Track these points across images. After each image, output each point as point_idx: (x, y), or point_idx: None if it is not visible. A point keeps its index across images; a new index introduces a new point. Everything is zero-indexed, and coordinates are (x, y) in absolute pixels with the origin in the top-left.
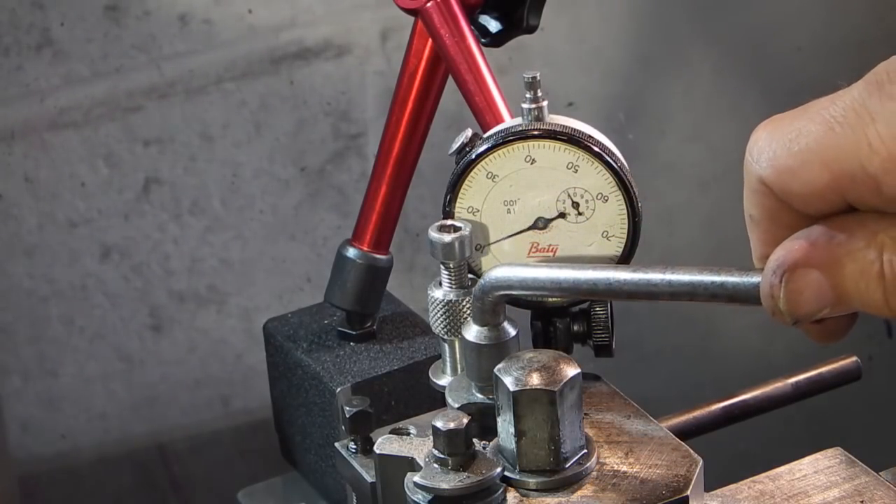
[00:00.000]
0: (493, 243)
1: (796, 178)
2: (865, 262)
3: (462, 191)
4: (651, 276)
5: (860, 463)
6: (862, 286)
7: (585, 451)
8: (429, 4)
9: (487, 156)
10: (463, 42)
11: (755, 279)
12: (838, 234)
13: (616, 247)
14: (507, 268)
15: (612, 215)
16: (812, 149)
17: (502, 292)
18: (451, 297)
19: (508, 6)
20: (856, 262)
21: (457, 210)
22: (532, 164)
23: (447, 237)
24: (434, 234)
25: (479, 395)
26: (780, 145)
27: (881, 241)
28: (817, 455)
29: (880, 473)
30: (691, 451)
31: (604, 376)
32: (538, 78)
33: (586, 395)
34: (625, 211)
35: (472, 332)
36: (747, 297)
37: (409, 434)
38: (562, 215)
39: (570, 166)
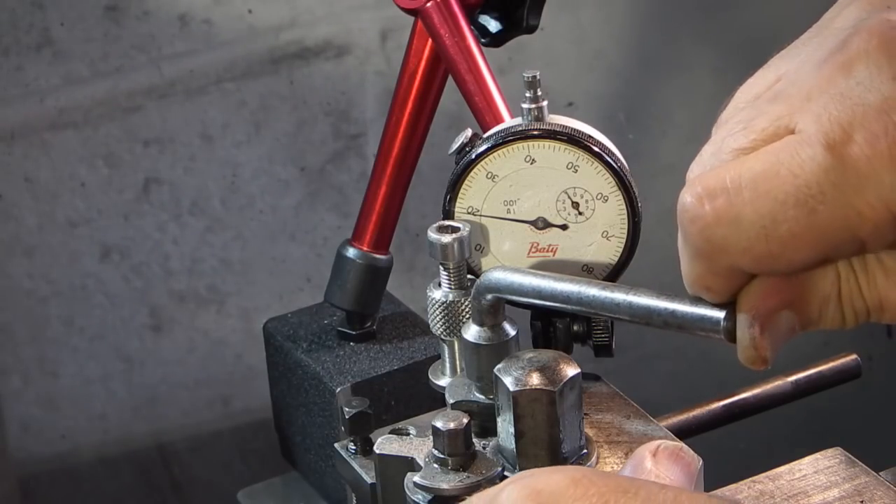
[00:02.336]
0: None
1: (779, 261)
2: (826, 288)
3: (462, 191)
4: (615, 295)
5: (860, 463)
6: (825, 311)
7: (585, 451)
8: (429, 4)
9: (487, 156)
10: (463, 42)
11: (703, 310)
12: (796, 279)
13: (616, 247)
14: (501, 271)
15: (612, 215)
16: (796, 233)
17: (497, 295)
18: (451, 297)
19: (508, 6)
20: (819, 291)
21: (457, 210)
22: (532, 164)
23: (446, 238)
24: (433, 235)
25: (479, 395)
26: (752, 234)
27: (836, 267)
28: (817, 455)
29: (880, 473)
30: (689, 450)
31: (604, 376)
32: (538, 78)
33: (586, 395)
34: (625, 211)
35: (472, 332)
36: (694, 327)
37: (408, 434)
38: (563, 227)
39: (570, 166)
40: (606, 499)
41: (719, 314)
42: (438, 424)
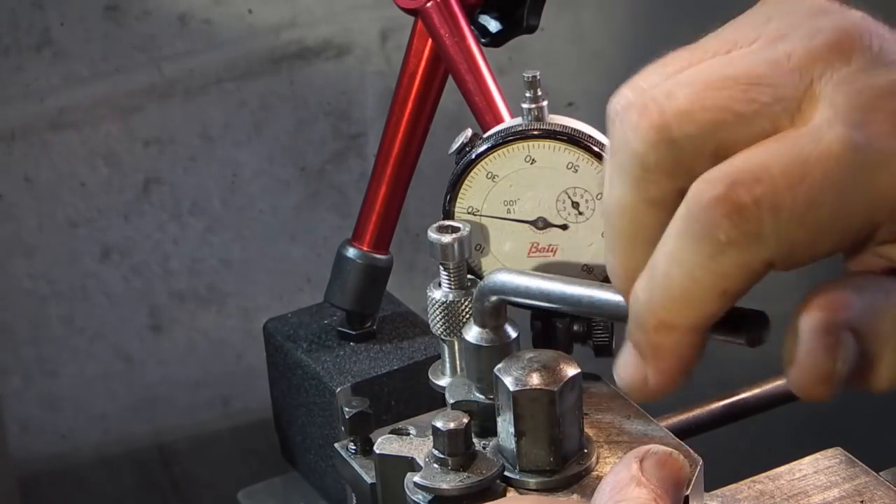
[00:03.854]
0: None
1: (811, 250)
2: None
3: (462, 191)
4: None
5: (860, 463)
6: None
7: (585, 450)
8: (429, 4)
9: (487, 156)
10: (463, 42)
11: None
12: (876, 291)
13: None
14: (506, 273)
15: None
16: (829, 219)
17: (501, 297)
18: (451, 297)
19: (508, 6)
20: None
21: (457, 210)
22: (532, 164)
23: (446, 238)
24: (433, 235)
25: (479, 395)
26: (793, 221)
27: None
28: (817, 455)
29: (880, 473)
30: (691, 451)
31: (604, 376)
32: (538, 78)
33: (586, 395)
34: None
35: (473, 333)
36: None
37: (409, 434)
38: (563, 227)
39: (570, 166)
40: None
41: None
42: (438, 424)
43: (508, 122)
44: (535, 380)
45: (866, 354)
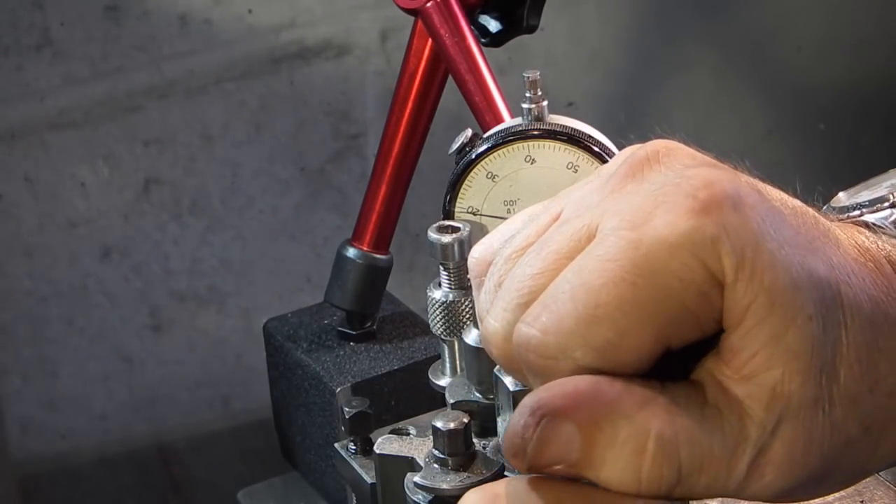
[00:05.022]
0: None
1: (620, 349)
2: (628, 429)
3: (462, 191)
4: None
5: None
6: (614, 456)
7: None
8: (429, 4)
9: (487, 156)
10: (463, 42)
11: None
12: (607, 392)
13: None
14: None
15: None
16: (624, 311)
17: None
18: (451, 297)
19: (508, 6)
20: (616, 426)
21: (457, 210)
22: (532, 164)
23: (446, 238)
24: (433, 235)
25: (479, 396)
26: (581, 325)
27: (652, 410)
28: None
29: (880, 473)
30: None
31: None
32: (538, 78)
33: None
34: None
35: (472, 335)
36: None
37: (409, 434)
38: None
39: (570, 166)
40: (562, 501)
41: None
42: (438, 424)
43: (508, 122)
44: None
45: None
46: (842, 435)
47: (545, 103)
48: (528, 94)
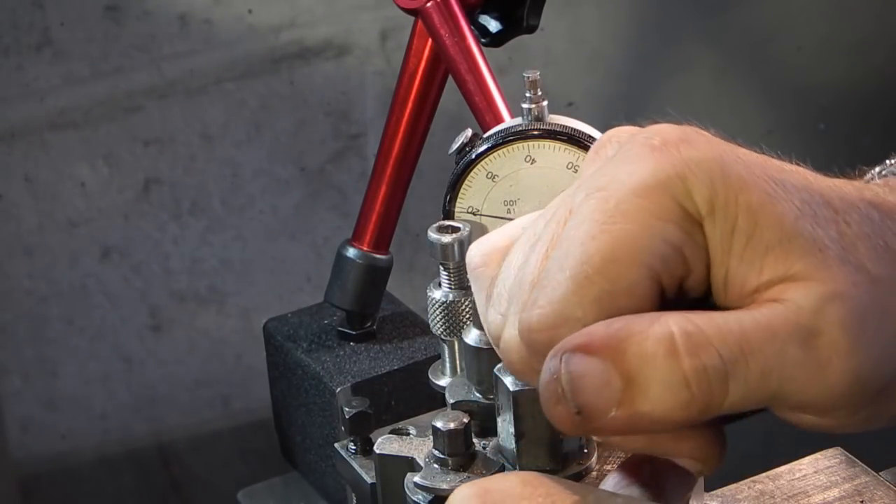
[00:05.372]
0: None
1: (614, 282)
2: (652, 339)
3: (462, 191)
4: None
5: (860, 463)
6: (651, 370)
7: (585, 450)
8: (429, 4)
9: (487, 156)
10: (463, 42)
11: None
12: (617, 322)
13: None
14: None
15: None
16: (611, 247)
17: None
18: (451, 297)
19: (508, 6)
20: (639, 342)
21: (457, 210)
22: (532, 164)
23: (446, 238)
24: (433, 235)
25: (479, 396)
26: (575, 260)
27: (667, 318)
28: (817, 455)
29: (880, 473)
30: None
31: None
32: (538, 78)
33: None
34: None
35: (472, 336)
36: None
37: (409, 434)
38: None
39: (570, 166)
40: (553, 500)
41: None
42: (438, 424)
43: (508, 122)
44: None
45: (628, 378)
46: None
47: (545, 103)
48: (528, 94)
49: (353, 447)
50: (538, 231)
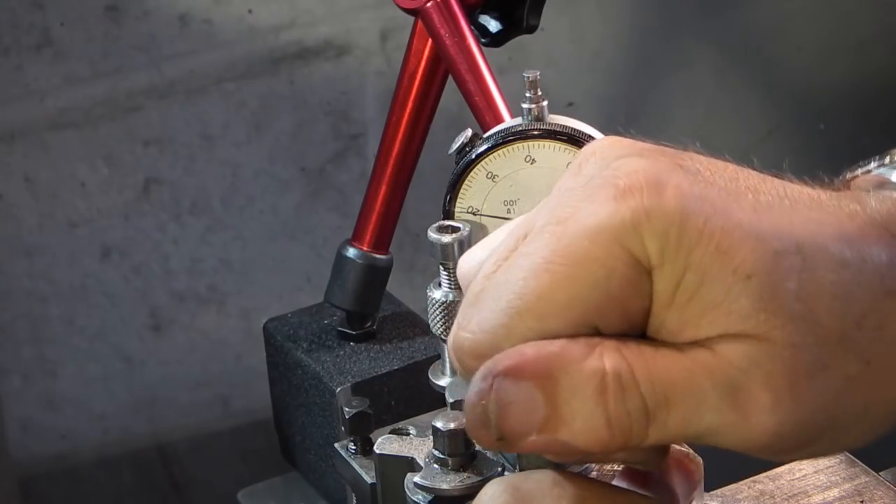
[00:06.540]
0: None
1: (546, 337)
2: (586, 373)
3: (462, 191)
4: None
5: (860, 463)
6: (577, 404)
7: None
8: (429, 4)
9: (487, 156)
10: (463, 42)
11: None
12: (551, 346)
13: None
14: None
15: None
16: (543, 294)
17: None
18: (451, 297)
19: (508, 6)
20: (570, 374)
21: (457, 210)
22: (532, 164)
23: (446, 238)
24: (433, 235)
25: None
26: (503, 312)
27: (601, 350)
28: None
29: (880, 473)
30: (691, 451)
31: None
32: (538, 78)
33: None
34: None
35: None
36: None
37: (409, 434)
38: None
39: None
40: (585, 499)
41: None
42: (438, 424)
43: (508, 122)
44: None
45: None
46: (839, 371)
47: (545, 103)
48: (528, 94)
49: (353, 447)
50: (499, 240)
